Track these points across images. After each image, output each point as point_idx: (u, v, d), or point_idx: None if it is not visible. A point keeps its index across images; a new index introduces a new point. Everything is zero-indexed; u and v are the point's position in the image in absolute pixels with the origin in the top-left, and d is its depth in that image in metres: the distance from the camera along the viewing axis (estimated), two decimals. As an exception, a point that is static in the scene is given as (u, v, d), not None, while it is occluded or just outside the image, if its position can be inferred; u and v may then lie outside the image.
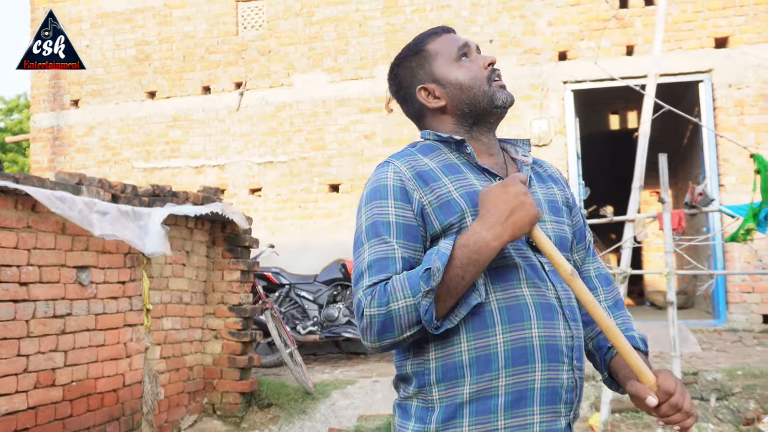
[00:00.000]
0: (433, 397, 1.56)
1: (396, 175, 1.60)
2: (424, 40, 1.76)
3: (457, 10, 8.42)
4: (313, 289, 7.47)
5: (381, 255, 1.54)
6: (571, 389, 1.58)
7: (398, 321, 1.47)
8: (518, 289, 1.55)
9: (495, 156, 1.72)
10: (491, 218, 1.48)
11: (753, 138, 7.55)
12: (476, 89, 1.69)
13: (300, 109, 8.69)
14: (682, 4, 7.84)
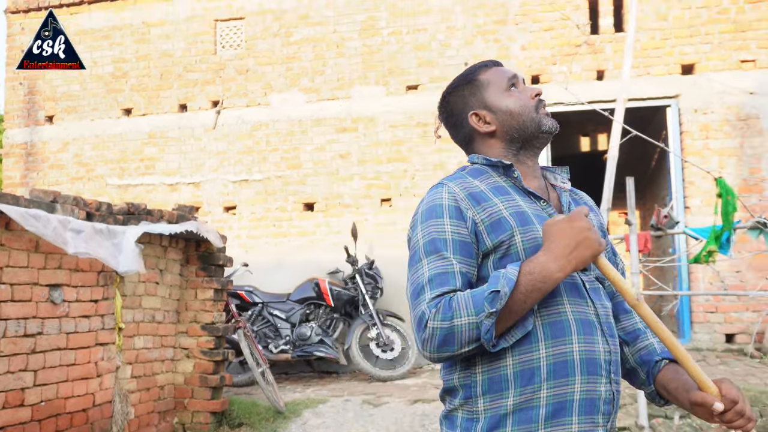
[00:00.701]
0: (478, 408, 1.65)
1: (450, 195, 1.71)
2: (476, 71, 1.90)
3: (432, 33, 8.56)
4: (286, 308, 7.51)
5: (441, 270, 1.63)
6: (609, 401, 1.66)
7: (459, 337, 1.55)
8: (561, 306, 1.65)
9: (538, 180, 1.85)
10: (557, 250, 1.57)
11: (717, 162, 7.73)
12: (525, 116, 1.82)
13: (276, 128, 8.76)
14: (650, 32, 8.04)
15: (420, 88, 8.51)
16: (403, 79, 8.56)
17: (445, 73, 8.44)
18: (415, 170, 8.34)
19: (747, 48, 7.86)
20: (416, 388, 6.60)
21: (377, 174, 8.43)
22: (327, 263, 8.07)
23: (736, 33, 7.90)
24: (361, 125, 8.56)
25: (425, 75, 8.51)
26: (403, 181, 8.35)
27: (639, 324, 1.86)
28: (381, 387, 6.78)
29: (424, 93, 8.46)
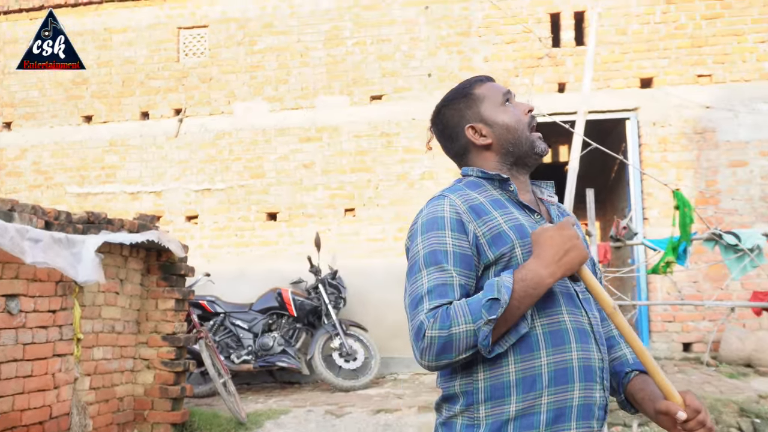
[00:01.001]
0: (480, 414, 1.67)
1: (452, 208, 1.74)
2: (471, 85, 1.94)
3: (396, 44, 8.61)
4: (249, 318, 7.47)
5: (440, 281, 1.66)
6: (603, 407, 1.72)
7: (457, 344, 1.58)
8: (560, 316, 1.70)
9: (529, 194, 1.91)
10: (547, 257, 1.62)
11: (675, 174, 7.89)
12: (520, 132, 1.87)
13: (240, 137, 8.72)
14: (610, 45, 8.19)
15: (384, 98, 8.54)
16: (368, 89, 8.59)
17: (409, 84, 8.49)
18: (379, 180, 8.36)
19: (703, 63, 8.05)
20: (379, 398, 6.60)
21: (341, 184, 8.44)
22: (290, 273, 8.04)
23: (693, 48, 8.08)
24: (325, 135, 8.56)
25: (389, 85, 8.55)
26: (367, 191, 8.37)
27: (613, 331, 1.92)
28: (344, 397, 6.76)
29: (388, 103, 8.51)
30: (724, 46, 8.04)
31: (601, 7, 7.72)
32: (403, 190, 8.31)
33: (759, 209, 7.77)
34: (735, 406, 5.55)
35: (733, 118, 7.91)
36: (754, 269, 5.59)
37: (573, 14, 8.38)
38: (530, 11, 8.40)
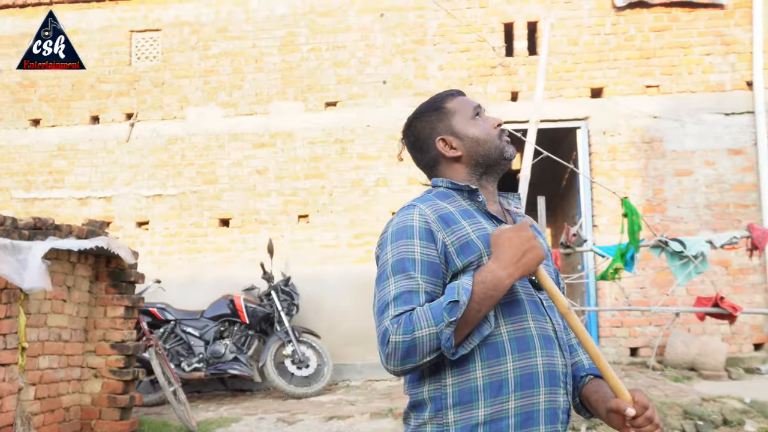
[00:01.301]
0: (449, 420, 1.71)
1: (421, 217, 1.79)
2: (443, 98, 2.01)
3: (352, 51, 8.63)
4: (200, 325, 7.39)
5: (407, 288, 1.70)
6: (566, 410, 1.78)
7: (421, 348, 1.62)
8: (525, 322, 1.74)
9: (496, 204, 1.96)
10: (506, 259, 1.66)
11: (624, 183, 8.06)
12: (490, 143, 1.92)
13: (192, 142, 8.64)
14: (562, 56, 8.33)
15: (339, 105, 8.55)
16: (322, 96, 8.59)
17: (364, 90, 8.52)
18: (333, 187, 8.36)
19: (651, 74, 8.24)
20: (331, 405, 6.59)
21: (295, 190, 8.41)
22: (242, 280, 7.98)
23: (642, 60, 8.27)
24: (279, 141, 8.53)
25: (344, 92, 8.56)
26: (321, 197, 8.36)
27: (573, 340, 1.95)
28: (296, 404, 6.73)
29: (343, 110, 8.52)
30: (671, 58, 8.25)
31: (554, 17, 7.89)
32: (357, 196, 8.32)
33: (703, 217, 7.97)
34: (679, 409, 5.67)
35: (680, 128, 8.11)
36: (698, 275, 5.74)
37: (526, 24, 8.51)
38: (484, 20, 8.50)
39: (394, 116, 8.39)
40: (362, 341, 7.94)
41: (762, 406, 5.76)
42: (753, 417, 5.68)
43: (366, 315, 7.84)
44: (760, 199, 7.89)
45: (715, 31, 8.25)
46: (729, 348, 7.67)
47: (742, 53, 8.18)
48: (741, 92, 8.14)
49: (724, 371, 7.33)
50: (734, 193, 8.00)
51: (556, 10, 8.38)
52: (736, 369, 7.43)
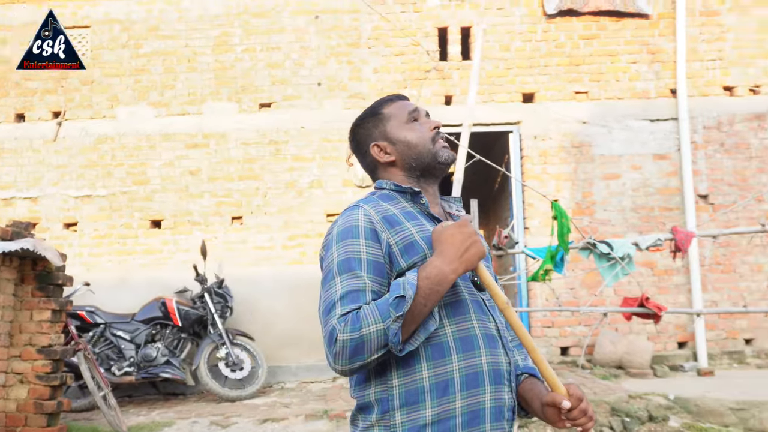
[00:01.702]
0: (396, 421, 1.71)
1: (366, 218, 1.81)
2: (381, 105, 2.05)
3: (286, 53, 8.59)
4: (131, 329, 7.23)
5: (353, 288, 1.70)
6: (511, 408, 1.81)
7: (369, 345, 1.61)
8: (469, 322, 1.77)
9: (438, 206, 2.00)
10: (449, 254, 1.68)
11: (554, 186, 8.25)
12: (422, 147, 1.96)
13: (122, 142, 8.45)
14: (494, 61, 8.47)
15: (273, 106, 8.50)
16: (256, 97, 8.52)
17: (298, 92, 8.49)
18: (267, 188, 8.30)
19: (580, 80, 8.46)
20: (266, 408, 6.53)
21: (228, 191, 8.32)
22: (175, 282, 7.84)
23: (571, 66, 8.48)
24: (212, 141, 8.42)
25: (278, 93, 8.52)
26: (255, 198, 8.29)
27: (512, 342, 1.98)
28: (230, 407, 6.65)
29: (277, 111, 8.47)
30: (599, 65, 8.49)
31: (487, 23, 8.01)
32: (291, 198, 8.28)
33: (630, 220, 8.22)
34: (607, 406, 5.83)
35: (608, 134, 8.35)
36: (625, 276, 5.91)
37: (460, 29, 8.63)
38: (419, 25, 8.58)
39: (328, 118, 8.39)
40: (297, 343, 7.90)
41: (685, 402, 5.97)
42: (677, 413, 5.88)
43: (300, 317, 7.83)
44: (684, 202, 8.19)
45: (641, 40, 8.53)
46: (654, 346, 7.94)
47: (666, 62, 8.48)
48: (665, 99, 8.43)
49: (650, 369, 7.57)
50: (659, 197, 8.28)
51: (488, 16, 8.52)
52: (661, 367, 7.69)
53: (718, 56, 8.51)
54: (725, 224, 7.98)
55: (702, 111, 8.41)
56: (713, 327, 8.07)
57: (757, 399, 5.82)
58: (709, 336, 8.04)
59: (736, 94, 8.47)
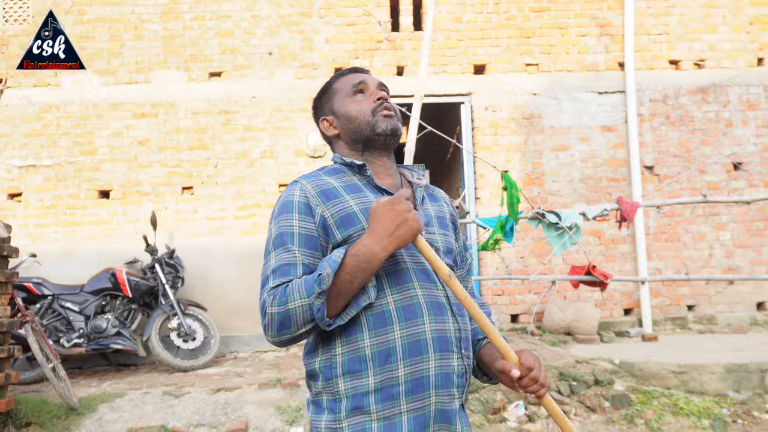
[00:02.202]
0: (340, 388, 1.75)
1: (302, 192, 1.84)
2: (334, 79, 2.08)
3: (236, 21, 8.46)
4: (80, 300, 7.11)
5: (284, 261, 1.75)
6: (462, 374, 1.82)
7: (295, 319, 1.66)
8: (412, 291, 1.78)
9: (392, 177, 1.99)
10: (379, 232, 1.69)
11: (505, 157, 8.35)
12: (360, 119, 1.97)
13: (68, 111, 8.24)
14: (446, 32, 8.49)
15: (223, 75, 8.38)
16: (206, 66, 8.39)
17: (249, 61, 8.38)
18: (219, 158, 8.21)
19: (531, 53, 8.54)
20: (219, 377, 6.53)
21: (178, 161, 8.21)
22: (124, 253, 7.74)
23: (522, 38, 8.55)
24: (161, 111, 8.28)
25: (229, 62, 8.40)
26: (206, 169, 8.20)
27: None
28: (183, 377, 6.63)
29: (228, 80, 8.36)
30: (549, 38, 8.58)
31: (438, -6, 8.01)
32: (243, 168, 8.21)
33: (579, 190, 8.38)
34: (555, 371, 5.98)
35: (557, 106, 8.47)
36: (573, 245, 6.03)
37: (411, 0, 8.60)
38: (371, -6, 8.54)
39: (280, 88, 8.32)
40: (249, 313, 7.89)
41: (630, 366, 6.15)
42: (621, 377, 6.06)
43: (252, 286, 7.80)
44: (630, 173, 8.38)
45: (591, 14, 8.64)
46: (601, 313, 8.15)
47: (615, 35, 8.61)
48: (613, 72, 8.58)
49: (597, 335, 7.77)
50: (606, 168, 8.45)
51: (441, -14, 8.53)
52: (607, 332, 7.90)
53: (664, 30, 8.68)
54: (670, 195, 8.20)
55: (649, 84, 8.58)
56: (657, 294, 8.32)
57: (697, 362, 6.02)
58: (654, 303, 8.29)
59: (681, 68, 8.66)
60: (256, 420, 5.44)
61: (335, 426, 1.75)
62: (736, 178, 8.49)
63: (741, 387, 5.86)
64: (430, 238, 1.90)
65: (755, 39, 8.72)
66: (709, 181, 8.43)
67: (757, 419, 5.38)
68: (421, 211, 1.96)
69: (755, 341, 7.12)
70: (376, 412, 1.72)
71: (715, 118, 8.57)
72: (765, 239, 8.46)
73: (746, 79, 8.64)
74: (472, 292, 2.11)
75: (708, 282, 8.14)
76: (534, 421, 5.43)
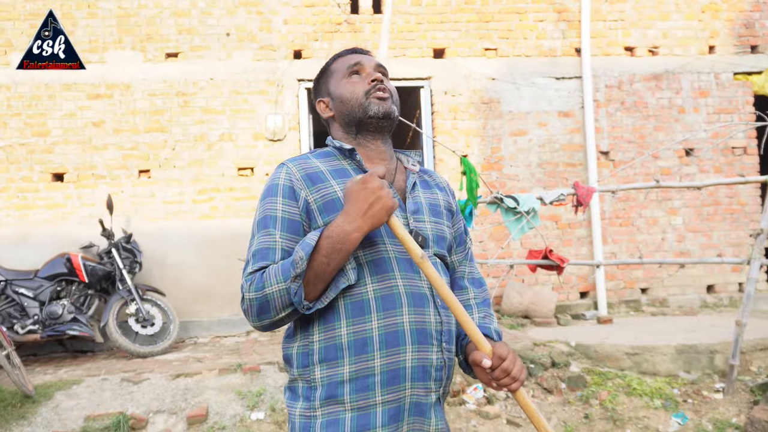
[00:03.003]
0: (316, 376, 1.74)
1: (287, 176, 1.81)
2: (332, 60, 2.02)
3: (193, 1, 8.31)
4: (34, 286, 6.98)
5: (265, 245, 1.73)
6: (440, 368, 1.79)
7: (273, 303, 1.65)
8: (393, 280, 1.75)
9: (387, 161, 1.94)
10: (352, 212, 1.65)
11: (464, 141, 8.40)
12: (353, 102, 1.92)
13: (19, 92, 8.02)
14: (405, 15, 8.47)
15: (180, 57, 8.24)
16: (162, 46, 8.23)
17: (207, 42, 8.26)
18: (176, 141, 8.10)
19: (490, 37, 8.59)
20: (178, 363, 6.48)
21: (135, 144, 8.07)
22: (80, 237, 7.61)
23: (481, 23, 8.58)
24: (116, 92, 8.11)
25: (186, 43, 8.26)
26: (163, 151, 8.08)
27: (471, 300, 1.99)
28: (141, 363, 6.57)
29: (185, 61, 8.22)
30: (508, 23, 8.63)
31: (398, -23, 7.98)
32: (201, 151, 8.11)
33: (536, 175, 8.49)
34: (514, 354, 6.08)
35: (516, 91, 8.54)
36: (531, 230, 6.12)
37: (371, -18, 8.57)
38: (330, -24, 8.47)
39: (238, 70, 8.22)
40: (209, 298, 7.84)
41: (585, 348, 6.30)
42: (577, 359, 6.20)
43: (212, 271, 7.75)
44: (586, 158, 8.51)
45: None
46: (558, 296, 8.30)
47: (572, 21, 8.70)
48: (570, 58, 8.68)
49: (554, 318, 7.91)
50: (563, 153, 8.57)
51: (401, -31, 8.49)
52: (564, 315, 8.05)
53: (620, 17, 8.80)
54: (624, 180, 8.36)
55: (605, 70, 8.71)
56: (612, 277, 8.50)
57: (650, 344, 6.19)
58: (609, 286, 8.47)
59: (636, 55, 8.81)
60: (217, 406, 5.43)
61: (309, 414, 1.74)
62: (688, 164, 8.69)
63: (691, 368, 6.05)
64: (418, 227, 1.86)
65: (707, 27, 8.91)
66: (662, 167, 8.62)
67: (706, 398, 5.56)
68: (411, 198, 1.91)
69: (705, 323, 7.34)
70: (350, 402, 1.70)
71: (668, 104, 8.75)
72: (715, 224, 8.70)
73: (698, 66, 8.83)
74: (473, 278, 2.06)
75: (661, 265, 8.34)
76: (493, 403, 5.53)
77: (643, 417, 5.33)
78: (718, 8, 8.93)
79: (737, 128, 8.27)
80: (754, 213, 8.71)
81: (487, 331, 1.90)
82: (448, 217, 2.01)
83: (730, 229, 8.71)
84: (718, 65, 8.83)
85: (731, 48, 8.92)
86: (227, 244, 7.81)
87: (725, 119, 8.73)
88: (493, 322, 1.99)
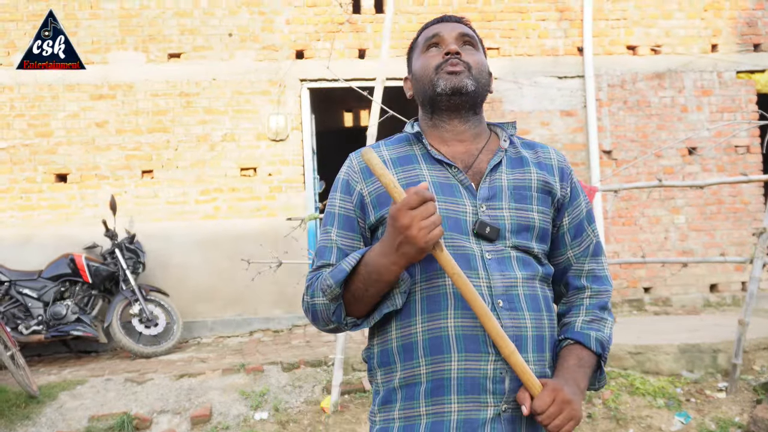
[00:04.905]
0: (378, 380, 1.66)
1: (348, 169, 1.71)
2: (419, 31, 1.82)
3: (195, 1, 8.32)
4: (38, 286, 7.00)
5: (323, 244, 1.67)
6: (501, 380, 1.53)
7: (320, 314, 1.59)
8: (440, 279, 1.55)
9: (467, 142, 1.72)
10: (386, 246, 1.47)
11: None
12: (425, 78, 1.72)
13: (22, 93, 8.04)
14: (408, 15, 8.48)
15: (183, 57, 8.25)
16: (165, 47, 8.25)
17: (209, 43, 8.27)
18: (179, 141, 8.11)
19: (492, 37, 8.58)
20: (182, 363, 6.50)
21: (138, 144, 8.08)
22: (83, 238, 7.63)
23: (483, 22, 8.58)
24: (119, 93, 8.13)
25: (188, 44, 8.27)
26: (166, 152, 8.09)
27: (585, 300, 1.76)
28: (145, 364, 6.59)
29: (187, 62, 8.24)
30: (510, 22, 8.63)
31: (400, -24, 7.99)
32: (204, 151, 8.12)
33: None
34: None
35: (518, 90, 8.54)
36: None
37: (373, -18, 8.58)
38: (332, -24, 8.48)
39: (240, 70, 8.24)
40: (212, 298, 7.86)
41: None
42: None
43: (215, 271, 7.76)
44: (589, 158, 8.51)
45: (550, -2, 8.72)
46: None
47: (574, 20, 8.70)
48: (572, 57, 8.67)
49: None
50: (566, 152, 8.56)
51: (402, -31, 8.50)
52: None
53: (622, 16, 8.80)
54: (627, 179, 8.36)
55: (607, 69, 8.71)
56: (615, 276, 8.50)
57: (653, 343, 6.18)
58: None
59: (638, 54, 8.80)
60: (220, 406, 5.45)
61: (373, 418, 1.67)
62: (691, 162, 8.69)
63: (694, 367, 6.05)
64: (492, 215, 1.61)
65: (709, 25, 8.90)
66: (665, 166, 8.62)
67: (709, 398, 5.56)
68: (488, 182, 1.66)
69: (708, 322, 7.33)
70: (399, 410, 1.59)
71: (671, 103, 8.74)
72: (718, 223, 8.70)
73: (700, 65, 8.82)
74: (594, 275, 1.78)
75: (664, 265, 8.33)
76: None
77: (646, 416, 5.34)
78: (721, 6, 8.92)
79: (740, 127, 8.27)
80: (757, 212, 8.71)
81: (584, 339, 1.66)
82: (544, 202, 1.70)
83: (733, 228, 8.71)
84: (721, 64, 8.83)
85: (734, 46, 8.91)
86: (230, 245, 7.83)
87: (728, 118, 8.72)
88: (602, 328, 1.72)
